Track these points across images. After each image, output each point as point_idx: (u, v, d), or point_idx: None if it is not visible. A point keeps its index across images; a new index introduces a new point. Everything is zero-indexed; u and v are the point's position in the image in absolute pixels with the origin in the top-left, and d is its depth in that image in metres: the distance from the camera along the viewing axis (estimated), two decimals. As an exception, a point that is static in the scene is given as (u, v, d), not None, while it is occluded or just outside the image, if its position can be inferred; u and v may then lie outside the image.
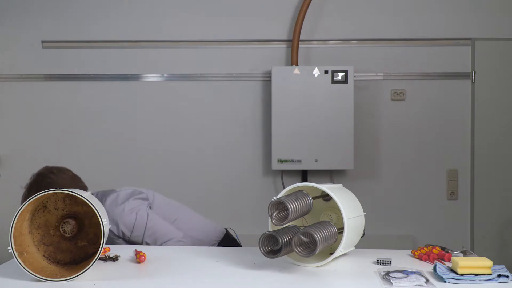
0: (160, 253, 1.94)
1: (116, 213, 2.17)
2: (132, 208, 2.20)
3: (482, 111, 3.75)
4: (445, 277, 1.56)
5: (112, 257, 1.85)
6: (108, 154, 3.81)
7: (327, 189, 1.74)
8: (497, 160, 3.74)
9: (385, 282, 1.55)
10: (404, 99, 3.78)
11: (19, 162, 3.82)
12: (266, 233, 1.72)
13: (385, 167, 3.80)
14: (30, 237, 1.71)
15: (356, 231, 1.83)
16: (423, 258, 1.82)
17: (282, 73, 3.62)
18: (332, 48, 3.80)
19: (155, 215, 2.24)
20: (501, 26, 3.75)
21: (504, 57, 3.75)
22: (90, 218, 1.80)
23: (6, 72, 3.82)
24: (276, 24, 3.79)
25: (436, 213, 3.78)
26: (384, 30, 3.78)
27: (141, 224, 2.16)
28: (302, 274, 1.67)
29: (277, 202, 1.71)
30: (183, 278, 1.67)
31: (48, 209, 1.77)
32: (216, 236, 2.46)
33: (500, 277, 1.56)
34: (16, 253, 1.60)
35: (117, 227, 2.17)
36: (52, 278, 1.59)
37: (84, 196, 1.64)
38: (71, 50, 3.80)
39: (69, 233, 1.78)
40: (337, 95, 3.59)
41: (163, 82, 3.82)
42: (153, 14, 3.79)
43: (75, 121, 3.82)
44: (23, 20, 3.80)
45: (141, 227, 2.16)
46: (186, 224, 2.32)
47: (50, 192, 1.64)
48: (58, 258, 1.76)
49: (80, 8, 3.79)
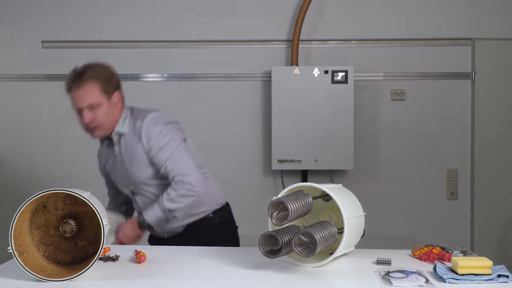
0: (160, 253, 1.94)
1: (152, 131, 2.22)
2: (168, 133, 2.25)
3: (482, 111, 3.75)
4: (445, 277, 1.56)
5: (112, 257, 1.86)
6: (108, 154, 3.80)
7: (327, 189, 1.74)
8: (497, 160, 3.74)
9: (385, 282, 1.55)
10: (404, 99, 3.78)
11: (19, 162, 3.82)
12: (266, 233, 1.72)
13: (385, 167, 3.80)
14: (30, 237, 1.71)
15: (356, 231, 1.83)
16: (423, 258, 1.82)
17: (282, 73, 3.62)
18: (332, 48, 3.80)
19: (185, 149, 2.27)
20: (501, 26, 3.75)
21: (504, 57, 3.75)
22: (90, 218, 1.80)
23: (6, 72, 3.82)
24: (276, 24, 3.79)
25: (436, 213, 3.78)
26: (384, 30, 3.78)
27: (170, 149, 2.21)
28: (302, 274, 1.67)
29: (277, 202, 1.71)
30: (183, 278, 1.67)
31: (48, 209, 1.77)
32: (219, 202, 2.47)
33: (500, 277, 1.56)
34: (16, 253, 1.60)
35: (147, 143, 2.21)
36: (52, 278, 1.59)
37: (84, 196, 1.64)
38: (71, 50, 3.80)
39: (69, 233, 1.78)
40: (337, 95, 3.59)
41: (163, 82, 3.82)
42: (153, 14, 3.79)
43: (75, 121, 3.80)
44: (23, 20, 3.80)
45: (169, 151, 2.21)
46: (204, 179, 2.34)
47: (50, 192, 1.64)
48: (58, 258, 1.76)
49: (80, 8, 3.79)
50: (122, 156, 2.29)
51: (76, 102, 2.20)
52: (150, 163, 2.24)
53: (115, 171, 2.37)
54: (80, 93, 2.18)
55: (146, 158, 2.24)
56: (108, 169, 2.44)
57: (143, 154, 2.24)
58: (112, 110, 2.24)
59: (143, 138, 2.22)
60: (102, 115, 2.21)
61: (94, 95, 2.18)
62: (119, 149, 2.30)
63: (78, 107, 2.21)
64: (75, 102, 2.21)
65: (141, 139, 2.22)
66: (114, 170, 2.38)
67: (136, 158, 2.25)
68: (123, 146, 2.28)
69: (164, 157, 2.21)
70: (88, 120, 2.20)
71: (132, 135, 2.25)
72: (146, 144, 2.22)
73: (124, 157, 2.28)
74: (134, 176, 2.28)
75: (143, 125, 2.23)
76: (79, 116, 2.24)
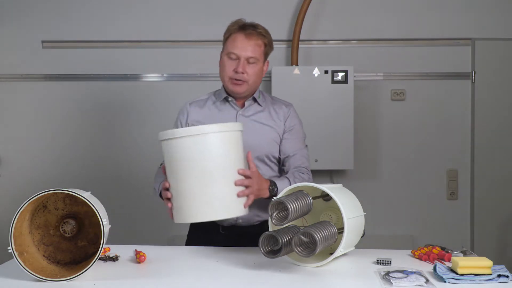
0: (160, 253, 1.94)
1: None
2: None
3: (482, 111, 3.75)
4: (445, 277, 1.56)
5: (112, 257, 1.86)
6: (108, 153, 3.81)
7: (327, 189, 1.74)
8: (497, 160, 3.74)
9: (385, 282, 1.55)
10: (404, 99, 3.78)
11: (19, 162, 3.82)
12: (266, 233, 1.72)
13: (385, 167, 3.80)
14: (30, 237, 1.71)
15: (356, 231, 1.83)
16: (423, 258, 1.82)
17: (282, 73, 3.62)
18: (332, 48, 3.80)
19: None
20: (501, 26, 3.75)
21: (504, 57, 3.75)
22: (90, 218, 1.80)
23: (6, 72, 3.82)
24: (276, 24, 3.78)
25: (436, 213, 3.78)
26: (384, 30, 3.78)
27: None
28: (302, 274, 1.67)
29: (277, 202, 1.71)
30: (183, 278, 1.67)
31: (48, 209, 1.77)
32: None
33: (500, 277, 1.56)
34: (16, 253, 1.61)
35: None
36: (52, 278, 1.60)
37: (84, 196, 1.64)
38: (71, 50, 3.80)
39: (69, 233, 1.79)
40: (337, 95, 3.59)
41: (163, 82, 3.82)
42: (153, 14, 3.79)
43: (75, 121, 3.82)
44: (23, 20, 3.80)
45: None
46: None
47: (50, 192, 1.64)
48: (58, 258, 1.77)
49: (80, 8, 3.79)
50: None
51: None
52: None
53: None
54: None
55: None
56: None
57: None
58: None
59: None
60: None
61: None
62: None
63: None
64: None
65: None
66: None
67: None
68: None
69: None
70: None
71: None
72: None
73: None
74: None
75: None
76: None
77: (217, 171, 1.81)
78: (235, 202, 1.84)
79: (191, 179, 1.81)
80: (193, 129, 1.83)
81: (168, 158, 1.86)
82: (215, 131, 1.81)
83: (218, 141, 1.82)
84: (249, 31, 2.17)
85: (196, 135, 1.80)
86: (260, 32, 2.19)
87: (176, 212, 1.87)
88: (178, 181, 1.83)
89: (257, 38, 2.17)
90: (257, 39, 2.17)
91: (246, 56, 2.15)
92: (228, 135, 1.84)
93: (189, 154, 1.80)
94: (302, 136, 2.31)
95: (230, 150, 1.84)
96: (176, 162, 1.83)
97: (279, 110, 2.26)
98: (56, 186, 1.72)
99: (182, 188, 1.82)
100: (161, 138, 1.87)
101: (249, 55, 2.15)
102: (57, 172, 3.79)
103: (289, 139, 2.24)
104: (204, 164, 1.79)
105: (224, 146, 1.83)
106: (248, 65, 2.16)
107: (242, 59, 2.15)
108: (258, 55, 2.18)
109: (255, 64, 2.18)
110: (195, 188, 1.80)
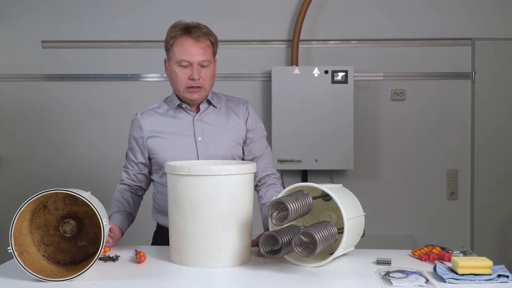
0: (160, 253, 1.94)
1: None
2: None
3: (482, 111, 3.75)
4: (445, 277, 1.56)
5: (112, 257, 1.86)
6: (108, 153, 3.80)
7: (327, 189, 1.74)
8: (497, 160, 3.74)
9: (385, 282, 1.55)
10: (404, 99, 3.78)
11: (19, 162, 3.82)
12: (266, 233, 1.72)
13: (385, 167, 3.80)
14: (30, 237, 1.71)
15: (356, 231, 1.83)
16: (423, 258, 1.82)
17: (282, 73, 3.62)
18: (332, 48, 3.80)
19: None
20: (501, 26, 3.75)
21: (504, 57, 3.75)
22: (90, 218, 1.80)
23: (6, 72, 3.82)
24: (276, 24, 3.79)
25: (436, 213, 3.78)
26: (384, 30, 3.78)
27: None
28: (302, 274, 1.67)
29: (277, 202, 1.71)
30: (183, 278, 1.67)
31: (48, 209, 1.77)
32: None
33: (500, 277, 1.56)
34: (16, 253, 1.60)
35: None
36: (52, 278, 1.59)
37: (84, 196, 1.64)
38: (71, 50, 3.80)
39: (69, 233, 1.78)
40: (337, 95, 3.59)
41: (163, 82, 3.81)
42: (153, 14, 3.79)
43: (75, 121, 3.82)
44: (23, 20, 3.80)
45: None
46: None
47: (50, 192, 1.64)
48: (58, 258, 1.76)
49: (80, 8, 3.79)
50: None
51: None
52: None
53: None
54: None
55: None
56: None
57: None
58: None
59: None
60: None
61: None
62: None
63: None
64: None
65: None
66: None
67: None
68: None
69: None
70: None
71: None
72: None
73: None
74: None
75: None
76: None
77: (231, 216, 1.75)
78: (245, 248, 1.81)
79: (204, 221, 1.72)
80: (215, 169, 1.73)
81: (180, 194, 1.75)
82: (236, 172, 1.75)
83: (238, 182, 1.76)
84: (196, 33, 2.06)
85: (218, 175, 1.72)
86: (206, 32, 2.10)
87: (177, 253, 1.79)
88: (187, 222, 1.73)
89: (204, 39, 2.08)
90: (205, 40, 2.09)
91: (198, 60, 2.06)
92: (248, 177, 1.81)
93: (205, 195, 1.71)
94: (264, 134, 2.28)
95: (246, 192, 1.81)
96: (187, 200, 1.73)
97: (236, 109, 2.23)
98: (56, 186, 1.72)
99: (193, 230, 1.73)
100: (177, 172, 1.76)
101: (202, 59, 2.06)
102: (57, 172, 3.79)
103: (253, 139, 2.21)
104: (220, 207, 1.72)
105: (240, 188, 1.78)
106: (202, 69, 2.08)
107: (195, 64, 2.06)
108: (210, 56, 2.10)
109: (209, 66, 2.10)
110: (206, 231, 1.72)
